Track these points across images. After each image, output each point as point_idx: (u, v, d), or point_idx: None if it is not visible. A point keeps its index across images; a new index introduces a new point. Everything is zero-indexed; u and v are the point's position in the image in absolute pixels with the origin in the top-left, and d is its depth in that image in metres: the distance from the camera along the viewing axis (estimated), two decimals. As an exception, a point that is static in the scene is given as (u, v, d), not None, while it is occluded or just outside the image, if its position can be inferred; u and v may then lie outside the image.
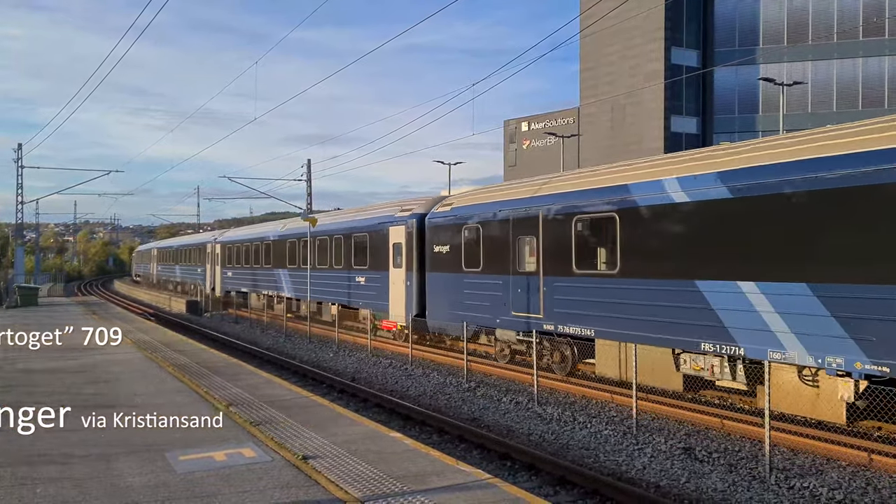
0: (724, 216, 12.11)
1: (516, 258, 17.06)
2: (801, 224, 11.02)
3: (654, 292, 13.57)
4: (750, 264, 11.81)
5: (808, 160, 11.02)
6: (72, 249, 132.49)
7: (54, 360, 15.70)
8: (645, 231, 13.63)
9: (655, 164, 14.52)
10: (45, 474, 7.22)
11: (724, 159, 12.61)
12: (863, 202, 10.19)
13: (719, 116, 48.62)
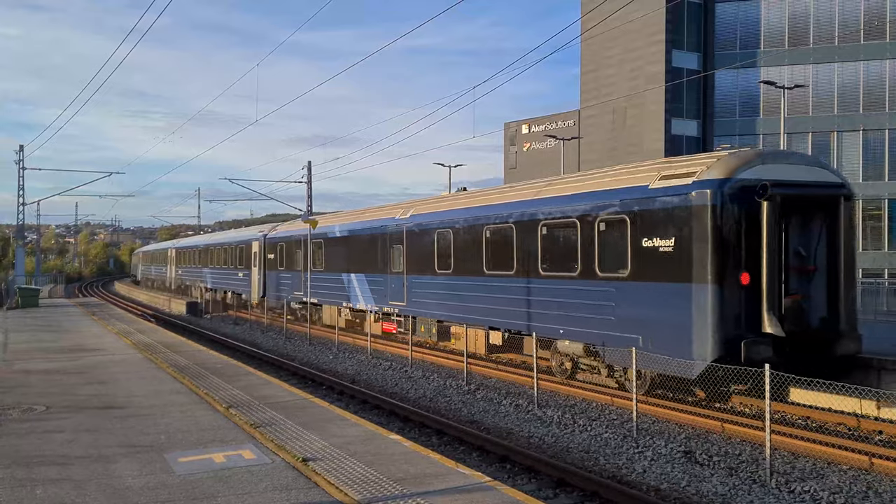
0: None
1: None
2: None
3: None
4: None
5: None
6: (72, 251, 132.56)
7: (53, 361, 15.68)
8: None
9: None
10: (44, 475, 7.20)
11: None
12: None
13: (720, 119, 48.63)
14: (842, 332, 13.52)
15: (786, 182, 13.35)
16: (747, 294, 12.96)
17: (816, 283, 13.70)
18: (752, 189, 12.99)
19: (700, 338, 12.90)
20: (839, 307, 13.51)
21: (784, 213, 13.28)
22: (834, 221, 13.77)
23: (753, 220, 13.00)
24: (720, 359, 12.47)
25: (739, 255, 13.01)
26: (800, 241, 13.82)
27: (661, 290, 13.74)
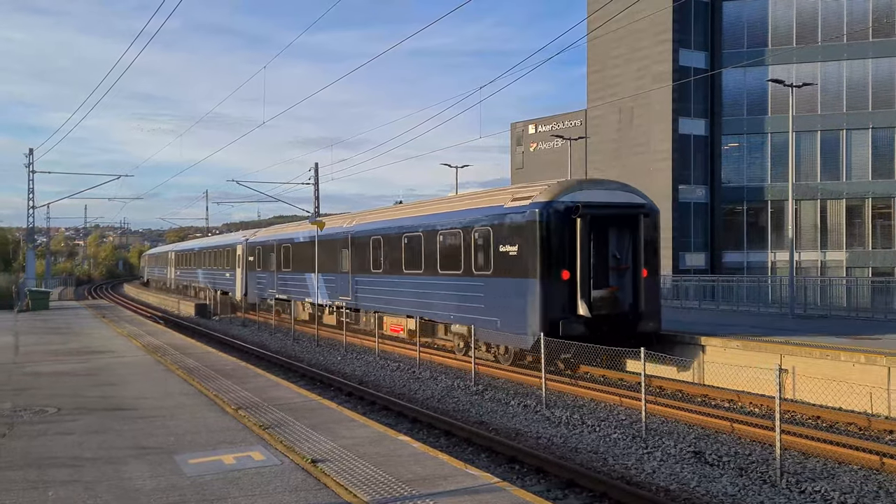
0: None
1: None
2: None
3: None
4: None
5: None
6: (82, 253, 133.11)
7: (63, 363, 15.76)
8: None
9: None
10: (55, 477, 7.24)
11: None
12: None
13: (728, 118, 48.47)
14: (643, 315, 17.73)
15: (596, 203, 17.63)
16: (566, 286, 17.24)
17: (627, 279, 17.82)
18: (569, 208, 17.25)
19: (532, 319, 17.21)
20: (641, 297, 17.74)
21: (595, 227, 17.38)
22: (636, 232, 17.85)
23: (571, 231, 17.22)
24: (546, 334, 15.97)
25: (561, 258, 17.22)
26: (616, 247, 17.89)
27: (510, 284, 18.05)
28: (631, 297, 17.85)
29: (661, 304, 19.51)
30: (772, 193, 47.24)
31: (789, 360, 15.40)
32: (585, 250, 17.29)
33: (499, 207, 18.98)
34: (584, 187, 18.51)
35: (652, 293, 18.33)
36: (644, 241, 18.09)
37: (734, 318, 23.07)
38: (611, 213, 17.85)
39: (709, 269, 47.33)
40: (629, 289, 17.90)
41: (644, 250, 18.05)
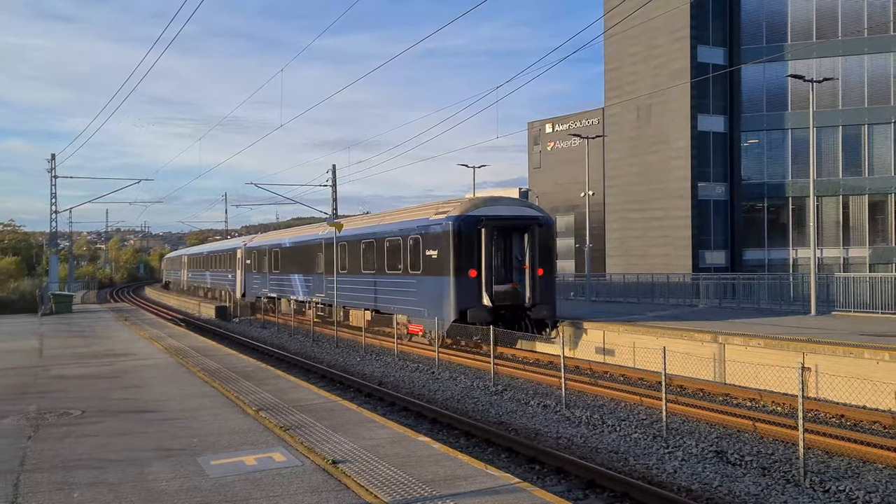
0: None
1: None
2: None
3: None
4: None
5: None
6: (104, 257, 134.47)
7: (87, 366, 15.94)
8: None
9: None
10: (81, 479, 7.33)
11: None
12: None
13: (747, 114, 48.05)
14: (538, 304, 21.87)
15: (497, 216, 22.03)
16: (474, 282, 21.53)
17: (526, 276, 22.01)
18: (475, 220, 21.62)
19: (447, 308, 21.71)
20: (536, 290, 21.90)
21: (497, 235, 21.88)
22: (532, 239, 22.00)
23: (477, 239, 21.53)
24: (457, 320, 21.18)
25: (469, 260, 21.55)
26: (517, 251, 22.29)
27: (433, 281, 22.45)
28: (528, 290, 22.05)
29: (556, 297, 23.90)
30: (793, 190, 46.78)
31: (812, 358, 15.26)
32: (489, 254, 21.67)
33: (426, 220, 23.47)
34: (488, 203, 23.14)
35: (547, 287, 22.49)
36: (539, 247, 22.28)
37: (753, 317, 22.88)
38: (510, 224, 22.27)
39: (729, 267, 46.95)
40: (527, 284, 22.08)
41: (539, 253, 22.24)
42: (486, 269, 21.57)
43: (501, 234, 22.13)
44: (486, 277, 21.56)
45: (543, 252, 22.46)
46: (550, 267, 22.99)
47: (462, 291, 21.55)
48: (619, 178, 53.27)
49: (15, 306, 45.49)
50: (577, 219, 65.11)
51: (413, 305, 23.82)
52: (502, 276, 22.13)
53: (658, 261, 47.77)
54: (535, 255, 22.11)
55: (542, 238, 22.47)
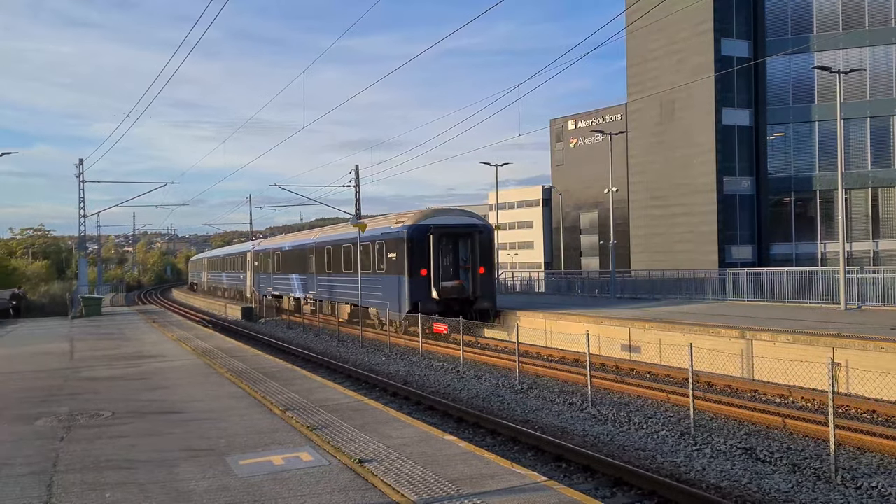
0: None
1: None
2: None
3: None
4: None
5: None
6: (131, 260, 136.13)
7: (116, 368, 16.15)
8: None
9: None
10: (111, 479, 7.42)
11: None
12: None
13: (773, 107, 47.46)
14: (479, 298, 26.33)
15: (443, 225, 26.48)
16: (424, 280, 25.96)
17: (469, 274, 26.46)
18: (425, 228, 26.07)
19: (403, 301, 26.20)
20: (478, 286, 26.29)
21: (443, 241, 26.31)
22: (474, 243, 26.49)
23: (427, 243, 25.94)
24: (411, 311, 25.50)
25: (421, 261, 25.95)
26: (462, 253, 26.72)
27: (393, 279, 26.95)
28: (472, 286, 26.37)
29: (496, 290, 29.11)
30: (820, 183, 46.15)
31: (842, 353, 15.04)
32: (436, 256, 26.08)
33: (388, 228, 28.04)
34: (437, 214, 27.46)
35: (487, 283, 26.98)
36: (480, 250, 26.71)
37: (779, 313, 22.61)
38: (455, 231, 26.67)
39: (756, 261, 46.43)
40: (470, 280, 26.46)
41: (480, 255, 26.68)
42: (434, 269, 26.09)
43: (449, 239, 26.68)
44: (434, 276, 26.10)
45: (484, 254, 27.03)
46: (490, 266, 27.64)
47: (415, 287, 26.16)
48: (642, 174, 52.91)
49: (46, 309, 46.21)
50: (601, 215, 64.80)
51: (380, 299, 28.39)
52: (450, 275, 26.63)
53: (683, 257, 47.38)
54: (476, 257, 26.60)
55: (483, 242, 27.02)
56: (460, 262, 26.74)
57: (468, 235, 26.69)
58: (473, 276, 26.39)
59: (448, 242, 26.57)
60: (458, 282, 26.46)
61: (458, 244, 26.78)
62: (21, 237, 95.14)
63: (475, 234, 26.67)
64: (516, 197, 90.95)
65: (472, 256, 26.52)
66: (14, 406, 11.72)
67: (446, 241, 26.51)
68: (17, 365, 17.33)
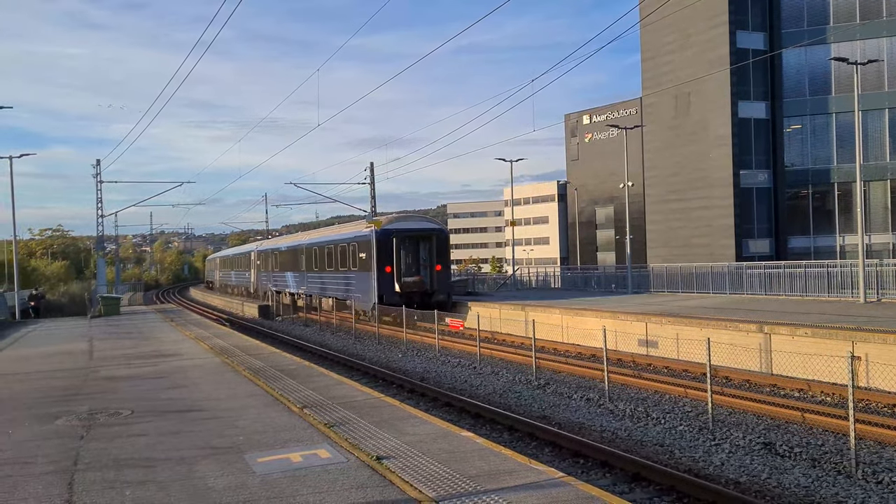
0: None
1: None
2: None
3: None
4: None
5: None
6: (149, 259, 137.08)
7: (135, 367, 16.28)
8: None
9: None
10: (131, 478, 7.49)
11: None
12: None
13: (789, 100, 46.99)
14: (436, 291, 30.25)
15: (405, 229, 30.61)
16: (389, 276, 29.86)
17: (428, 271, 30.61)
18: (389, 232, 30.09)
19: (372, 294, 30.20)
20: (435, 281, 30.36)
21: (405, 242, 30.35)
22: (431, 245, 30.55)
23: (391, 245, 29.92)
24: (378, 303, 29.59)
25: (386, 260, 29.83)
26: (422, 253, 30.71)
27: (364, 275, 31.28)
28: (430, 281, 30.63)
29: (452, 284, 33.24)
30: (838, 175, 45.66)
31: (862, 346, 14.90)
32: (398, 256, 30.26)
33: (359, 232, 32.85)
34: (400, 220, 31.95)
35: (444, 279, 31.18)
36: (437, 250, 30.87)
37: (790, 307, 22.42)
38: (416, 235, 30.97)
39: (774, 255, 46.04)
40: (428, 276, 30.68)
41: (437, 255, 30.86)
42: (396, 266, 30.14)
43: (411, 241, 30.83)
44: (397, 272, 30.18)
45: (441, 254, 31.23)
46: (446, 264, 32.12)
47: (381, 282, 30.19)
48: (658, 168, 52.60)
49: (65, 309, 46.67)
50: (617, 210, 64.51)
51: (354, 293, 32.83)
52: (411, 272, 30.66)
53: (700, 251, 47.06)
54: (433, 257, 30.81)
55: (440, 244, 31.32)
56: (420, 261, 30.89)
57: (427, 238, 30.97)
58: (431, 272, 30.66)
59: (410, 244, 30.82)
60: (419, 277, 30.53)
61: (418, 245, 31.01)
62: (40, 238, 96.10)
63: (433, 236, 31.05)
64: (531, 193, 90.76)
65: (430, 256, 30.72)
66: (35, 405, 11.85)
67: (408, 242, 30.77)
68: (38, 365, 17.51)
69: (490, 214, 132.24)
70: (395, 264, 30.05)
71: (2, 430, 10.05)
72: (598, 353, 18.04)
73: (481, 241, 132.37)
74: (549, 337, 23.46)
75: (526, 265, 63.84)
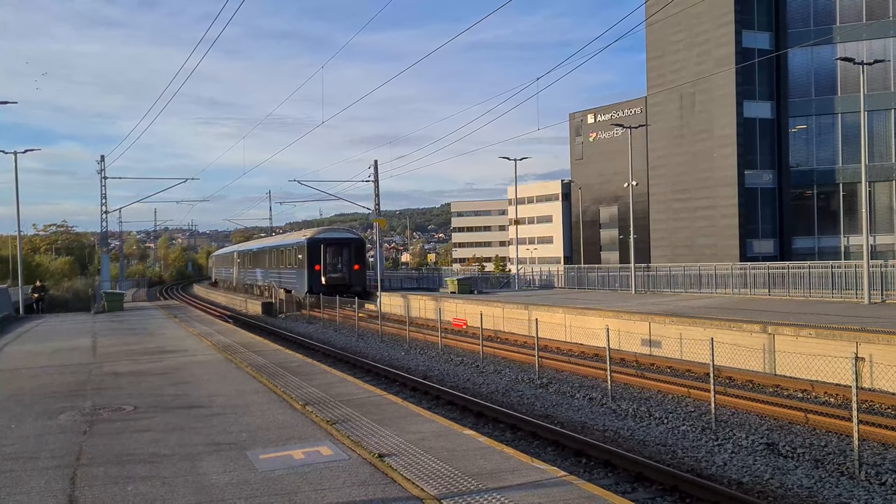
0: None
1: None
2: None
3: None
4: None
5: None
6: (153, 256, 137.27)
7: (139, 363, 16.31)
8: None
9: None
10: (135, 473, 7.49)
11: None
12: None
13: (794, 100, 46.89)
14: (353, 284, 41.12)
15: (330, 238, 42.81)
16: (318, 272, 41.34)
17: (348, 269, 41.87)
18: (318, 240, 41.99)
19: (304, 285, 41.99)
20: (352, 277, 41.76)
21: (330, 248, 41.92)
22: (350, 250, 42.27)
23: (318, 250, 41.48)
24: (308, 292, 41.45)
25: (315, 261, 41.34)
26: (344, 256, 42.11)
27: (301, 272, 42.50)
28: (348, 277, 41.43)
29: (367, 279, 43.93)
30: (843, 176, 45.55)
31: (866, 347, 14.86)
32: (325, 258, 41.13)
33: (298, 239, 43.87)
34: (327, 231, 44.53)
35: (360, 275, 42.13)
36: (354, 253, 42.16)
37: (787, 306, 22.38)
38: (338, 242, 42.34)
39: (778, 255, 45.97)
40: (348, 273, 41.57)
41: (355, 257, 42.13)
42: (323, 265, 41.40)
43: (336, 247, 42.12)
44: (324, 270, 41.36)
45: (358, 257, 42.68)
46: (363, 264, 43.41)
47: (311, 277, 41.27)
48: (663, 168, 52.53)
49: (69, 305, 46.77)
50: (621, 210, 64.44)
51: (296, 284, 43.63)
52: (335, 269, 41.76)
53: (705, 251, 47.00)
54: (352, 258, 42.25)
55: (357, 249, 42.82)
56: (342, 262, 42.05)
57: (347, 245, 42.75)
58: (350, 270, 41.95)
59: (334, 249, 42.07)
60: (340, 274, 41.72)
61: (341, 250, 42.25)
62: (44, 234, 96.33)
63: (351, 244, 42.96)
64: (536, 192, 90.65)
65: (350, 258, 42.30)
66: (39, 401, 11.87)
67: (333, 248, 42.06)
68: (42, 360, 17.55)
69: (494, 213, 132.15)
70: (322, 264, 41.31)
71: (5, 424, 10.08)
72: (601, 352, 18.03)
73: (485, 239, 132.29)
74: (552, 336, 23.45)
75: (529, 264, 63.77)
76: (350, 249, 42.11)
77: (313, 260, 40.94)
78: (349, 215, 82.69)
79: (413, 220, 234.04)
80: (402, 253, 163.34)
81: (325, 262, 41.12)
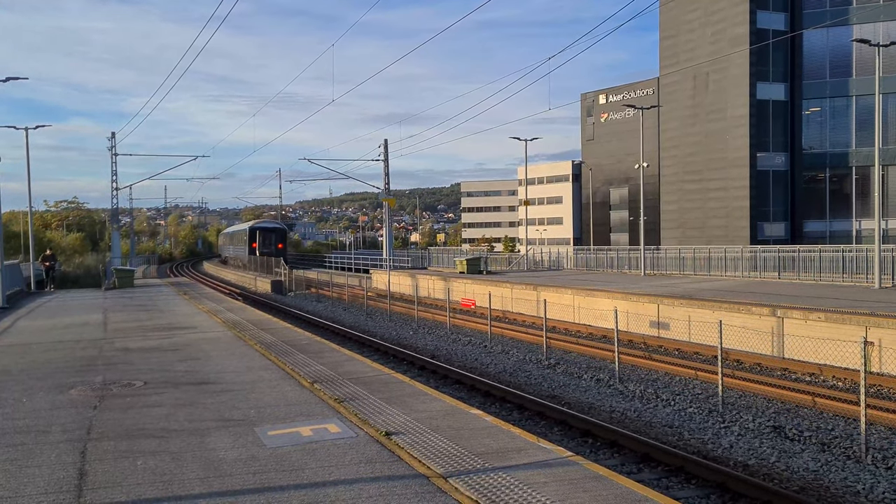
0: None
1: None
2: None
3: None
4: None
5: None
6: (163, 233, 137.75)
7: (149, 339, 16.43)
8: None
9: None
10: (144, 448, 7.57)
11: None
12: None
13: (809, 81, 46.39)
14: (276, 256, 55.42)
15: (263, 226, 67.32)
16: (254, 249, 62.37)
17: (273, 248, 62.23)
18: (255, 227, 66.01)
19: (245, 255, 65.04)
20: (276, 253, 59.77)
21: (263, 233, 64.32)
22: (277, 235, 65.29)
23: (255, 234, 64.16)
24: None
25: (253, 240, 63.32)
26: (274, 239, 64.08)
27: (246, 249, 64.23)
28: (274, 252, 58.76)
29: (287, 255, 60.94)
30: (857, 159, 45.15)
31: (875, 332, 14.81)
32: (260, 239, 62.60)
33: (245, 225, 71.44)
34: (263, 221, 76.60)
35: (283, 252, 60.17)
36: (277, 237, 63.70)
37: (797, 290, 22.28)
38: (268, 229, 65.40)
39: (789, 239, 45.72)
40: (274, 250, 59.93)
41: (278, 240, 63.34)
42: (258, 245, 60.73)
43: (267, 232, 63.15)
44: (260, 247, 60.48)
45: (281, 240, 63.22)
46: (285, 245, 63.31)
47: (250, 251, 60.53)
48: (675, 149, 52.19)
49: (80, 281, 47.05)
50: (631, 191, 64.17)
51: (241, 256, 61.02)
52: (266, 248, 60.18)
53: (715, 233, 46.80)
54: (277, 240, 62.30)
55: (279, 235, 63.70)
56: (272, 242, 61.43)
57: (274, 231, 63.91)
58: (275, 248, 60.26)
59: (267, 234, 62.77)
60: (269, 250, 59.00)
61: (272, 234, 62.80)
62: (55, 210, 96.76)
63: (278, 230, 64.28)
64: (546, 172, 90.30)
65: (275, 240, 62.11)
66: (49, 375, 11.99)
67: (265, 233, 62.94)
68: (53, 335, 17.70)
69: (504, 193, 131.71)
70: (258, 243, 61.43)
71: (17, 398, 10.19)
72: (609, 333, 18.04)
73: (495, 220, 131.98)
74: (560, 317, 23.46)
75: (539, 245, 63.67)
76: (277, 234, 63.71)
77: (252, 240, 62.55)
78: (359, 194, 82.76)
79: (423, 200, 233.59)
80: (412, 232, 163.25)
81: (260, 242, 61.84)
